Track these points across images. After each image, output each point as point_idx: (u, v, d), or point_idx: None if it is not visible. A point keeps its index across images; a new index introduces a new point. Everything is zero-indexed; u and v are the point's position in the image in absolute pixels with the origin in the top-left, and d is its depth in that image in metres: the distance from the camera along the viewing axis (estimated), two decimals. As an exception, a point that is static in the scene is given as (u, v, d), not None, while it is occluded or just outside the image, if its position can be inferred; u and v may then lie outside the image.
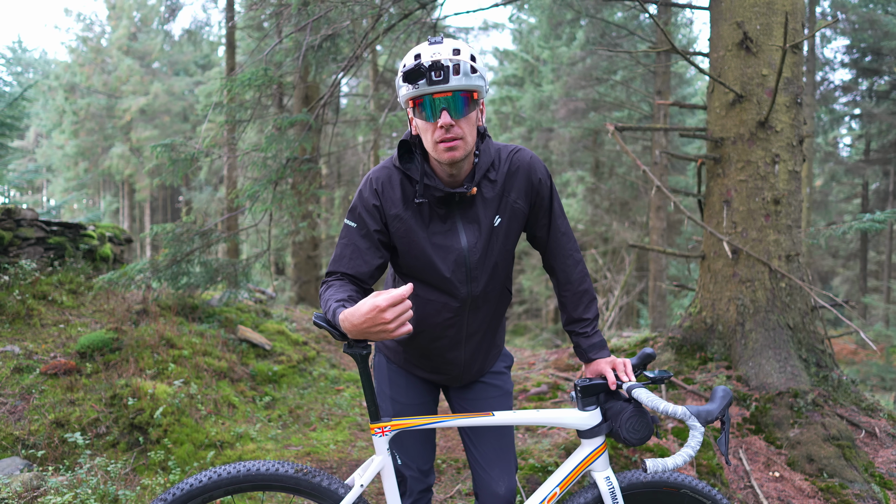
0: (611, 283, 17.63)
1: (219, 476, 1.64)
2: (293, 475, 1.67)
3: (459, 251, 1.74)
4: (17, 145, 26.70)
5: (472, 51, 1.62)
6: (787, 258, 4.31)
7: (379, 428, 1.68)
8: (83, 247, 5.74)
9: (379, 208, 1.73)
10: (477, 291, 1.79)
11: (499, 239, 1.78)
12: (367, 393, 1.67)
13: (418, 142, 1.75)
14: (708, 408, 1.58)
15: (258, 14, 9.94)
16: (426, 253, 1.73)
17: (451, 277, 1.75)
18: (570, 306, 1.91)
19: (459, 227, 1.74)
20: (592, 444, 1.76)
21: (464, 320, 1.83)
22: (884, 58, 15.35)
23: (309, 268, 11.20)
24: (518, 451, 3.52)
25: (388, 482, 1.72)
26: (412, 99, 1.62)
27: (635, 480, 1.80)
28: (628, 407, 1.69)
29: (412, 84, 1.57)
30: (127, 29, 27.74)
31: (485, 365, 1.99)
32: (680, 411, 1.57)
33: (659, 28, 5.18)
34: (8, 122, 6.93)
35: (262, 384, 4.65)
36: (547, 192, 1.83)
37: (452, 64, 1.56)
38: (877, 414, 4.04)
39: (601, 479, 1.76)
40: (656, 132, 11.79)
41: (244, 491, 1.66)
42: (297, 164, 5.35)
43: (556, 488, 1.76)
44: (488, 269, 1.79)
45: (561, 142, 17.40)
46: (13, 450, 3.15)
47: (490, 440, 1.93)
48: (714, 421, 1.58)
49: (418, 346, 1.89)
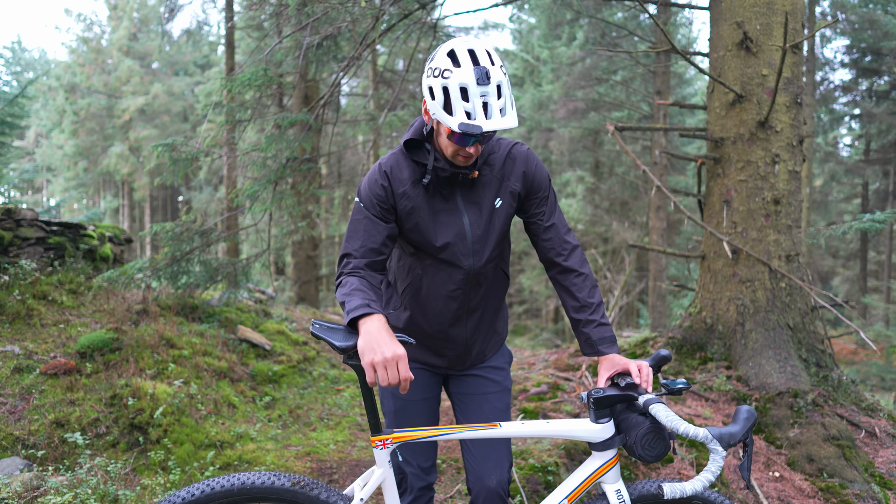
0: (611, 283, 17.64)
1: (212, 489, 1.57)
2: (290, 488, 1.61)
3: (461, 227, 1.84)
4: (17, 145, 26.68)
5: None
6: (787, 258, 4.31)
7: (380, 441, 1.65)
8: (83, 247, 5.74)
9: (386, 188, 1.82)
10: (479, 264, 1.87)
11: (500, 219, 1.89)
12: (368, 405, 1.63)
13: (429, 130, 1.83)
14: (731, 430, 1.50)
15: (258, 14, 9.95)
16: (432, 227, 1.83)
17: (455, 250, 1.84)
18: (572, 289, 1.87)
19: (461, 207, 1.85)
20: (604, 457, 1.70)
21: (467, 294, 1.90)
22: (884, 58, 15.35)
23: (309, 268, 11.20)
24: (518, 450, 3.52)
25: (388, 494, 1.69)
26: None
27: (645, 491, 1.73)
28: (645, 422, 1.60)
29: (463, 119, 1.61)
30: (127, 29, 27.72)
31: (485, 349, 2.02)
32: (701, 434, 1.49)
33: (659, 28, 5.18)
34: (8, 120, 6.92)
35: (262, 384, 4.65)
36: (545, 181, 1.93)
37: (499, 108, 1.63)
38: (877, 414, 4.04)
39: (611, 491, 1.70)
40: (656, 132, 11.79)
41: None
42: (297, 163, 5.34)
43: (565, 500, 1.70)
44: (489, 245, 1.88)
45: (561, 142, 17.40)
46: (13, 450, 3.15)
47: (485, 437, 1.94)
48: (737, 444, 1.51)
49: (425, 323, 1.93)
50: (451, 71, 1.62)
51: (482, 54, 1.64)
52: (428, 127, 1.80)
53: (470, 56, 1.63)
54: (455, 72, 1.61)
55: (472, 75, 1.60)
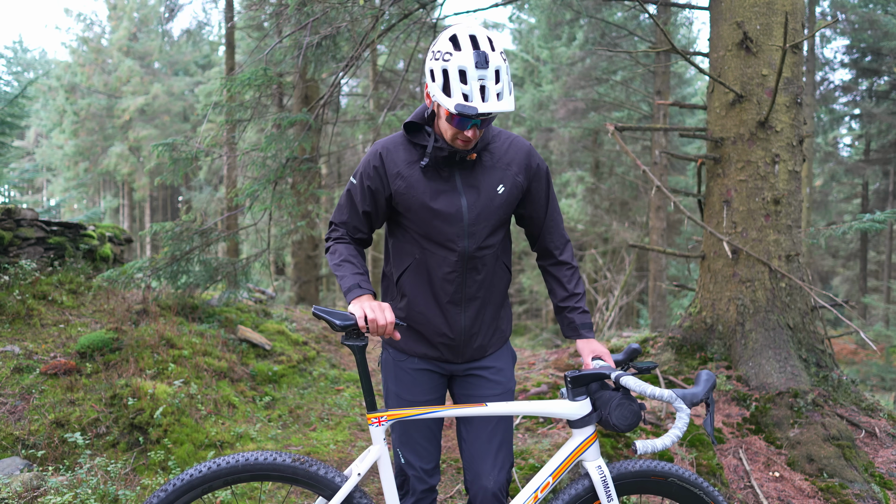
0: (611, 283, 17.63)
1: (218, 466, 1.68)
2: (290, 464, 1.72)
3: (458, 208, 1.87)
4: (17, 145, 26.67)
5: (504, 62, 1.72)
6: (787, 258, 4.31)
7: (375, 418, 1.74)
8: (83, 247, 5.73)
9: (378, 168, 1.89)
10: (473, 248, 1.89)
11: (500, 205, 1.92)
12: (364, 383, 1.74)
13: (430, 113, 1.87)
14: (693, 391, 1.68)
15: (258, 14, 9.95)
16: (428, 207, 1.86)
17: (450, 231, 1.87)
18: (563, 280, 2.04)
19: (460, 188, 1.88)
20: (583, 434, 1.82)
21: (463, 278, 1.92)
22: (884, 58, 15.35)
23: (309, 267, 11.19)
24: (518, 450, 3.52)
25: (384, 472, 1.76)
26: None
27: (624, 470, 1.86)
28: (616, 395, 1.76)
29: (459, 101, 1.67)
30: (127, 29, 27.70)
31: (486, 344, 2.02)
32: (667, 394, 1.66)
33: (659, 28, 5.17)
34: (8, 120, 6.92)
35: (262, 384, 4.65)
36: (545, 176, 2.00)
37: (496, 92, 1.68)
38: (877, 414, 4.04)
39: (593, 468, 1.82)
40: (656, 132, 11.78)
41: (242, 481, 1.70)
42: (297, 163, 5.34)
43: (549, 478, 1.82)
44: (484, 230, 1.91)
45: (561, 142, 17.39)
46: (13, 450, 3.15)
47: (482, 435, 1.95)
48: (699, 403, 1.66)
49: (423, 306, 1.95)
50: (451, 54, 1.67)
51: (483, 39, 1.69)
52: (429, 110, 1.85)
53: (471, 40, 1.68)
54: (455, 55, 1.67)
55: (472, 59, 1.65)
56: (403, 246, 1.97)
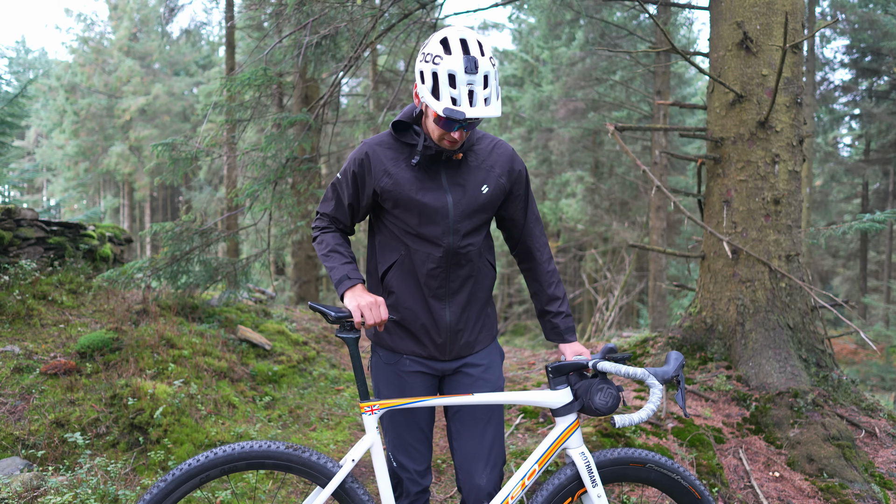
0: (611, 283, 17.63)
1: (215, 455, 1.73)
2: (285, 451, 1.77)
3: (444, 204, 1.91)
4: (17, 145, 26.66)
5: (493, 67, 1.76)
6: (787, 258, 4.31)
7: (368, 407, 1.82)
8: (83, 247, 5.73)
9: (364, 164, 1.93)
10: (457, 244, 1.93)
11: (484, 204, 1.96)
12: (357, 374, 1.82)
13: (419, 113, 1.91)
14: (664, 369, 1.79)
15: (258, 14, 9.95)
16: (416, 203, 1.90)
17: (436, 228, 1.91)
18: (544, 285, 2.10)
19: (446, 186, 1.92)
20: (566, 422, 1.90)
21: (447, 273, 1.95)
22: (883, 58, 15.35)
23: (309, 268, 11.19)
24: (517, 450, 3.52)
25: (377, 460, 1.81)
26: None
27: (605, 458, 1.94)
28: (595, 381, 1.87)
29: (448, 104, 1.70)
30: (128, 29, 27.70)
31: (473, 340, 2.04)
32: (640, 372, 1.77)
33: (659, 28, 5.17)
34: (8, 120, 6.91)
35: (262, 384, 4.65)
36: (524, 181, 2.07)
37: (484, 97, 1.72)
38: (877, 414, 4.04)
39: (577, 454, 1.90)
40: (656, 132, 11.78)
41: (239, 470, 1.75)
42: (297, 163, 5.34)
43: (535, 465, 1.88)
44: (468, 226, 1.95)
45: (560, 142, 17.39)
46: (13, 450, 3.15)
47: (473, 434, 1.97)
48: (671, 380, 1.77)
49: (409, 301, 1.97)
50: (441, 57, 1.70)
51: (473, 44, 1.71)
52: (417, 110, 1.89)
53: (461, 45, 1.70)
54: (445, 59, 1.69)
55: (462, 63, 1.68)
56: (389, 243, 1.99)
